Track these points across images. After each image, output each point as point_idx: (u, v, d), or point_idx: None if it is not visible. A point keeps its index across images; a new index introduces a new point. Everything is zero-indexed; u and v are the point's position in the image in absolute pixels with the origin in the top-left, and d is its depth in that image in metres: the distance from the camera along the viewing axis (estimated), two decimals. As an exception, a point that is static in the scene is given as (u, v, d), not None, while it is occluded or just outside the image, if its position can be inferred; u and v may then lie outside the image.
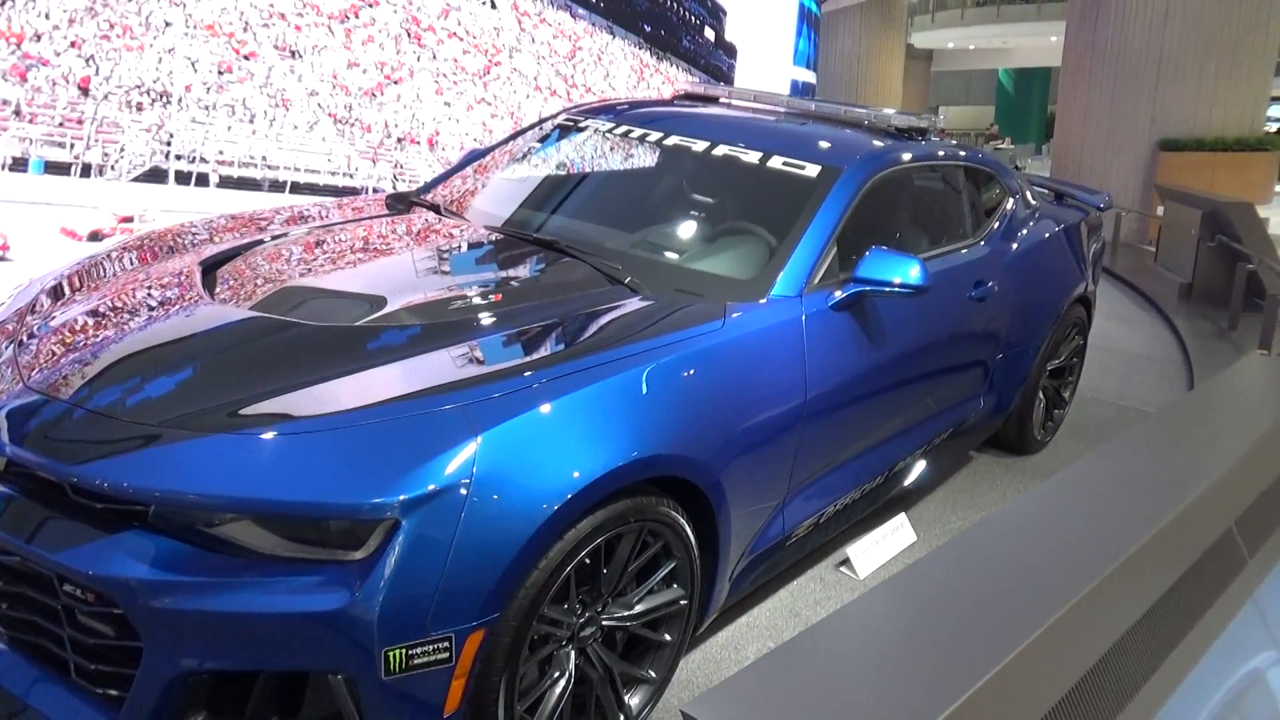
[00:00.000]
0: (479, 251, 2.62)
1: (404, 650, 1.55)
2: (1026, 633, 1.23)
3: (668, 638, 2.09)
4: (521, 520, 1.63)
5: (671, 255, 2.65)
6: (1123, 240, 9.64)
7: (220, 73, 5.17)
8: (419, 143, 6.28)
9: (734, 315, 2.21)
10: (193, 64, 5.06)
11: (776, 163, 2.76)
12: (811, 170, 2.71)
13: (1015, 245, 3.48)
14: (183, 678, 1.55)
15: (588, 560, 1.82)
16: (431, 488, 1.56)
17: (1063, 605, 1.31)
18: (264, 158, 5.43)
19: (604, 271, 2.38)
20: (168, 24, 4.91)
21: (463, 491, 1.58)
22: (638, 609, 2.00)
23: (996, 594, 1.37)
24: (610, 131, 3.11)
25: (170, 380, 1.79)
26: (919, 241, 3.18)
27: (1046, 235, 3.71)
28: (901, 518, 3.10)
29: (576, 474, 1.70)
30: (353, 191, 5.86)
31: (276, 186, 5.50)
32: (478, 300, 2.21)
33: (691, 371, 2.03)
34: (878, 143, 2.96)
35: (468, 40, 6.54)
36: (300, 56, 5.55)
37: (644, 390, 1.91)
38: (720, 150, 2.85)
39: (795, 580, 2.82)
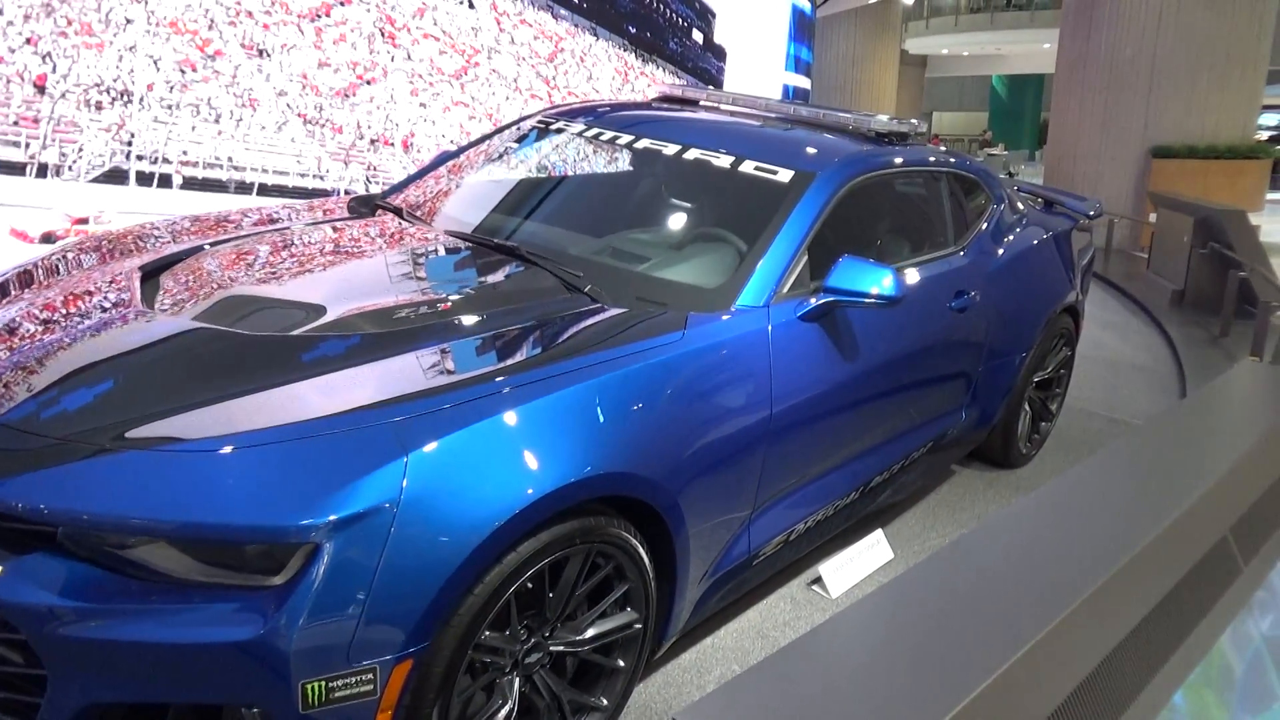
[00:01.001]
0: (435, 258, 2.52)
1: (323, 682, 1.46)
2: (1021, 641, 1.21)
3: (621, 663, 1.99)
4: (453, 544, 1.54)
5: (637, 262, 2.54)
6: (1115, 247, 9.65)
7: (184, 71, 5.06)
8: (393, 144, 6.16)
9: (695, 326, 2.12)
10: (155, 62, 4.95)
11: (748, 167, 2.67)
12: (784, 175, 2.61)
13: (999, 254, 3.39)
14: (91, 709, 1.47)
15: (529, 585, 1.74)
16: (355, 510, 1.47)
17: (1058, 613, 1.30)
18: (230, 159, 5.31)
19: (564, 279, 2.29)
20: (129, 21, 4.80)
21: (389, 514, 1.49)
22: (589, 634, 1.91)
23: (991, 602, 1.35)
24: (581, 134, 3.02)
25: (89, 393, 1.69)
26: (899, 249, 3.10)
27: (1033, 243, 3.62)
28: (878, 534, 3.00)
29: (516, 495, 1.62)
30: (324, 193, 5.76)
31: (243, 188, 5.39)
32: (425, 309, 2.10)
33: (646, 386, 1.93)
34: (855, 148, 2.87)
35: (444, 40, 6.42)
36: (268, 55, 5.43)
37: (593, 405, 1.81)
38: (691, 154, 2.76)
39: (765, 599, 2.71)
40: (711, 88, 8.63)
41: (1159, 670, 1.47)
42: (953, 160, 3.39)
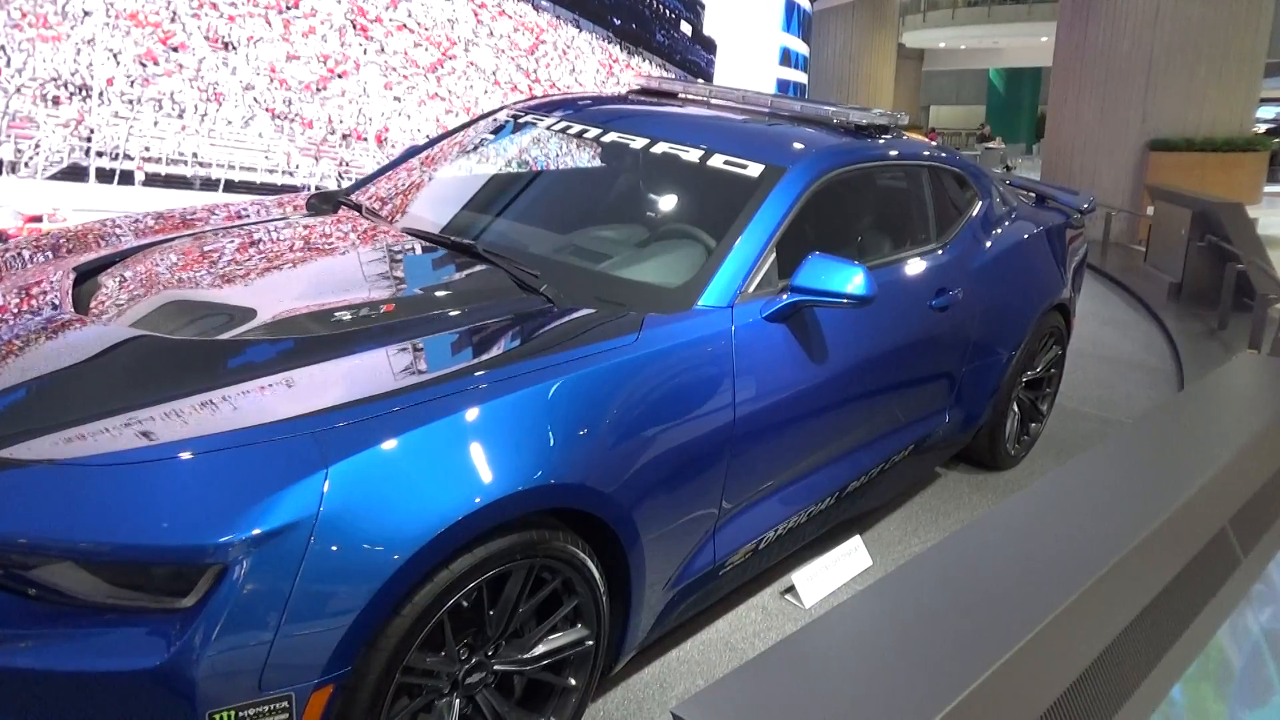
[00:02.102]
0: (389, 257, 2.41)
1: (232, 712, 1.38)
2: (1021, 634, 1.21)
3: (572, 682, 1.90)
4: (377, 563, 1.45)
5: (599, 261, 2.44)
6: (1113, 240, 9.61)
7: (145, 65, 4.94)
8: (366, 139, 6.03)
9: (651, 328, 2.02)
10: (115, 56, 4.82)
11: (717, 161, 2.56)
12: (754, 170, 2.50)
13: (985, 250, 3.28)
14: None
15: (466, 603, 1.65)
16: (267, 527, 1.38)
17: (1058, 606, 1.30)
18: (195, 154, 5.19)
19: (519, 280, 2.19)
20: (86, 13, 4.67)
21: (305, 531, 1.40)
22: (536, 652, 1.82)
23: (990, 595, 1.35)
24: (549, 128, 2.92)
25: None
26: (878, 246, 3.00)
27: (1021, 239, 3.50)
28: (856, 540, 2.89)
29: (447, 509, 1.53)
30: (293, 189, 5.65)
31: (209, 185, 5.26)
32: (366, 312, 2.00)
33: (595, 392, 1.83)
34: (831, 141, 2.77)
35: (419, 32, 6.29)
36: (234, 48, 5.31)
37: (535, 414, 1.72)
38: (659, 148, 2.65)
39: (735, 609, 2.60)
40: (690, 80, 8.46)
41: (1157, 663, 1.47)
42: (936, 154, 3.28)
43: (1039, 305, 3.51)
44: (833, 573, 2.75)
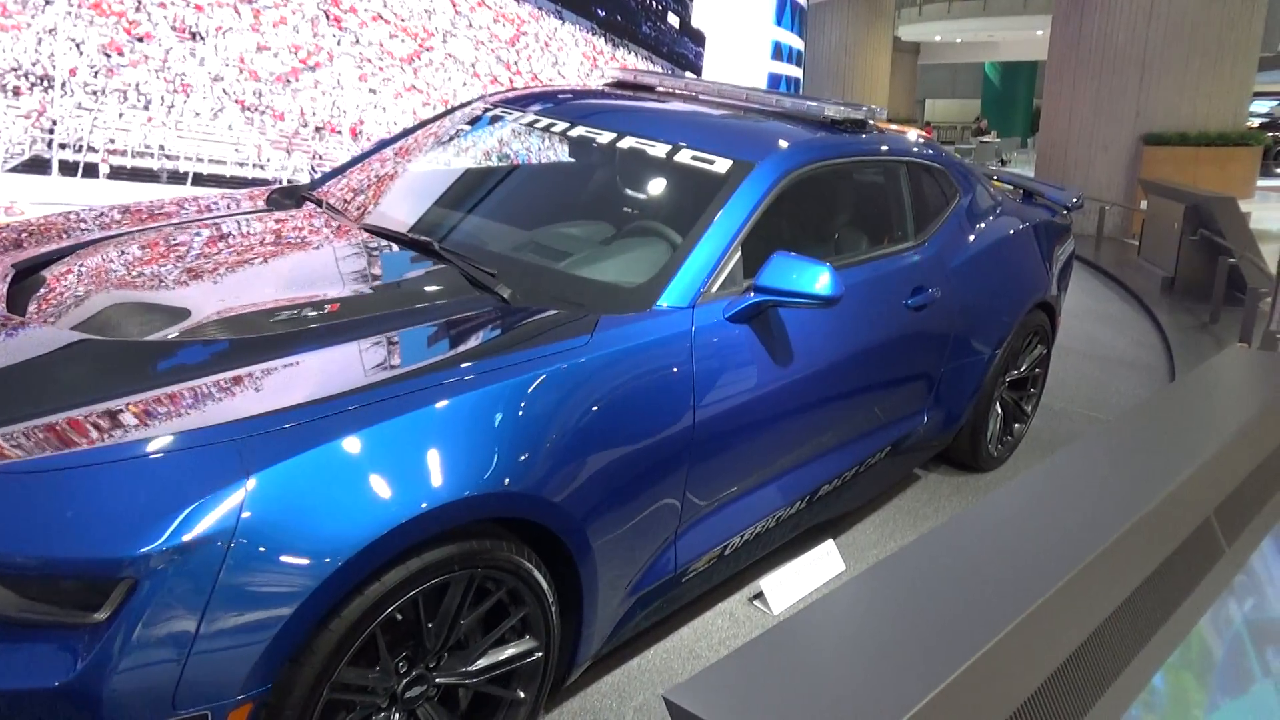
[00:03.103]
0: (343, 254, 2.33)
1: None
2: (1006, 621, 1.23)
3: (521, 694, 1.84)
4: (301, 577, 1.39)
5: (560, 259, 2.36)
6: (1106, 234, 9.60)
7: (109, 55, 4.82)
8: (340, 132, 5.89)
9: (604, 330, 1.95)
10: (77, 46, 4.70)
11: (684, 156, 2.49)
12: (721, 165, 2.43)
13: (966, 248, 3.20)
14: None
15: (400, 616, 1.59)
16: (183, 539, 1.32)
17: (1042, 594, 1.31)
18: (161, 147, 5.07)
19: (475, 278, 2.12)
20: (48, 2, 4.56)
21: (223, 543, 1.34)
22: (481, 664, 1.75)
23: (976, 583, 1.36)
24: (517, 121, 2.85)
25: None
26: (852, 244, 2.93)
27: (1004, 236, 3.43)
28: (829, 545, 2.81)
29: (377, 520, 1.46)
30: (264, 183, 5.55)
31: (177, 178, 5.14)
32: (309, 312, 1.92)
33: (542, 397, 1.76)
34: (803, 135, 2.69)
35: (395, 23, 6.15)
36: (202, 39, 5.19)
37: (477, 419, 1.65)
38: (626, 143, 2.58)
39: (701, 615, 2.53)
40: (678, 73, 8.36)
41: (1139, 652, 1.48)
42: (914, 149, 3.20)
43: (1022, 304, 3.44)
44: (803, 578, 2.68)
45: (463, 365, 1.73)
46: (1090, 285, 7.50)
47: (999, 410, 3.59)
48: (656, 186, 2.59)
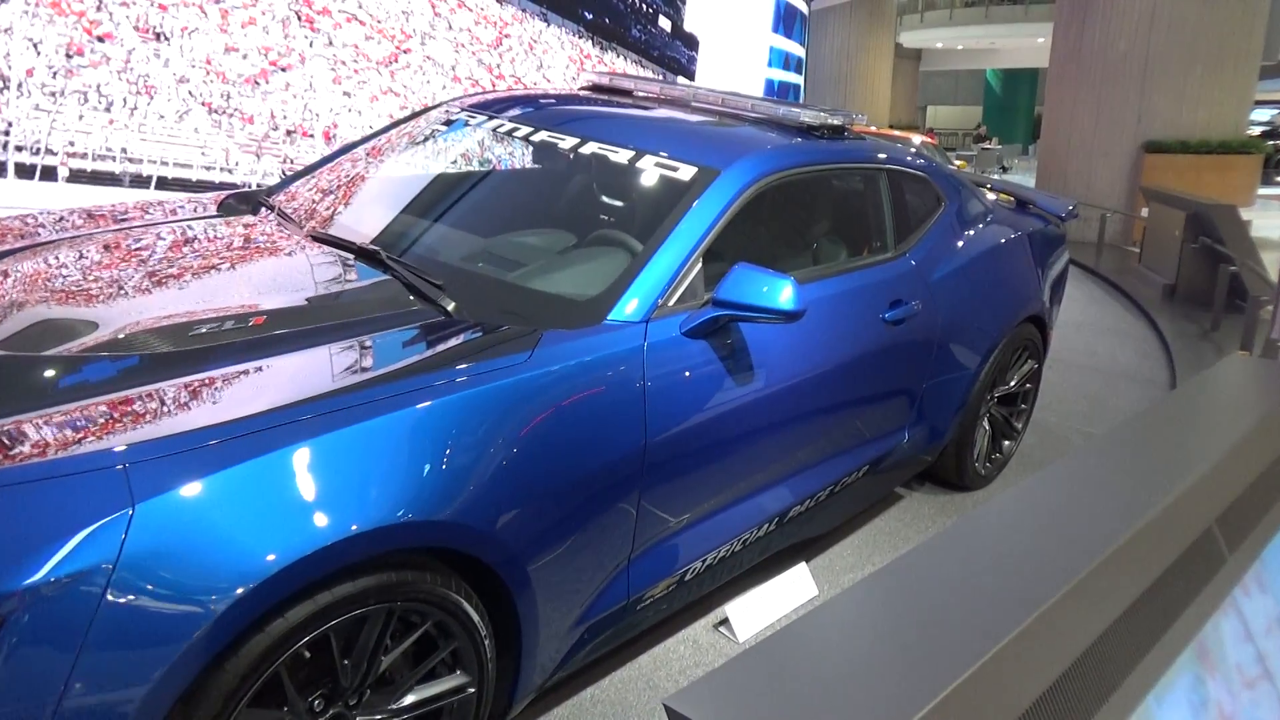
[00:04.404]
0: (284, 264, 2.21)
1: None
2: (1007, 629, 1.23)
3: None
4: (191, 612, 1.28)
5: (514, 269, 2.25)
6: (1108, 241, 9.65)
7: (70, 56, 4.66)
8: (312, 135, 5.74)
9: (548, 345, 1.83)
10: (35, 46, 4.56)
11: (647, 163, 2.39)
12: (685, 172, 2.32)
13: (949, 259, 3.08)
14: None
15: (308, 654, 1.48)
16: (54, 576, 1.21)
17: (1043, 602, 1.31)
18: (124, 150, 4.92)
19: (419, 290, 2.01)
20: (2, 0, 4.42)
21: (101, 579, 1.23)
22: (407, 701, 1.64)
23: (978, 590, 1.36)
24: (480, 126, 2.73)
25: None
26: (828, 255, 2.83)
27: (991, 247, 3.30)
28: (801, 568, 2.66)
29: (280, 551, 1.35)
30: (232, 187, 5.36)
31: (140, 182, 4.97)
32: (232, 325, 1.80)
33: (474, 417, 1.64)
34: (775, 142, 2.57)
35: (371, 25, 6.00)
36: (166, 39, 5.04)
37: (398, 442, 1.54)
38: (588, 148, 2.48)
39: (662, 642, 2.39)
40: (642, 76, 8.30)
41: (1140, 662, 1.48)
42: (895, 156, 3.06)
43: (1011, 317, 3.31)
44: (772, 603, 2.53)
45: (385, 384, 1.61)
46: (1091, 293, 7.53)
47: (987, 427, 3.48)
48: (619, 194, 2.52)
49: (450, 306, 1.96)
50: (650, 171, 2.39)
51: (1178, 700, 1.54)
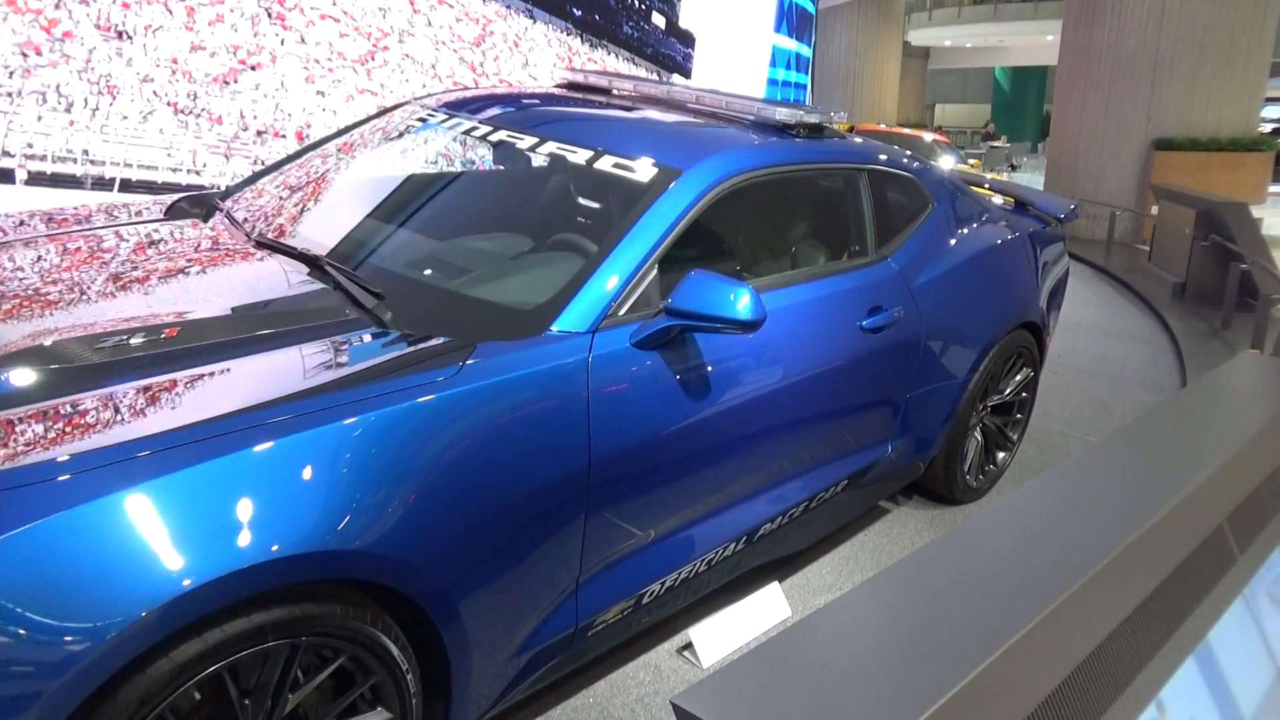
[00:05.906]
0: (219, 272, 2.10)
1: None
2: (1016, 627, 1.23)
3: None
4: (59, 654, 1.18)
5: (460, 275, 2.15)
6: (1117, 239, 9.63)
7: (26, 55, 4.50)
8: (284, 136, 5.50)
9: (482, 359, 1.71)
10: None
11: (605, 163, 2.26)
12: (644, 173, 2.20)
13: (936, 263, 2.94)
14: None
15: (199, 695, 1.38)
16: None
17: (1053, 601, 1.31)
18: (85, 151, 4.74)
19: (354, 298, 1.91)
20: None
21: None
22: None
23: (986, 590, 1.36)
24: (439, 125, 2.61)
25: None
26: (802, 260, 2.71)
27: (982, 250, 3.14)
28: (774, 588, 2.52)
29: (160, 587, 1.24)
30: (200, 189, 5.22)
31: (102, 184, 4.80)
32: (141, 338, 1.68)
33: (395, 437, 1.53)
34: (743, 141, 2.45)
35: (346, 22, 5.78)
36: (129, 38, 4.86)
37: (303, 465, 1.43)
38: (547, 148, 2.36)
39: (622, 667, 2.25)
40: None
41: (1150, 661, 1.48)
42: (877, 156, 2.91)
43: (1003, 322, 3.16)
44: (740, 626, 2.40)
45: (290, 403, 1.50)
46: (1101, 292, 7.52)
47: (979, 438, 3.34)
48: (575, 196, 2.41)
49: (387, 317, 1.85)
50: (606, 172, 2.26)
51: (1188, 700, 1.54)
